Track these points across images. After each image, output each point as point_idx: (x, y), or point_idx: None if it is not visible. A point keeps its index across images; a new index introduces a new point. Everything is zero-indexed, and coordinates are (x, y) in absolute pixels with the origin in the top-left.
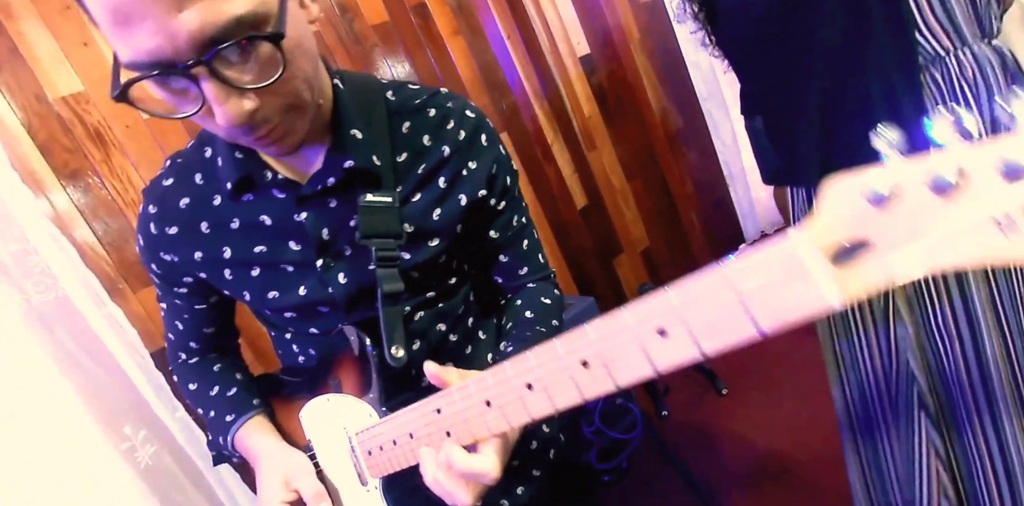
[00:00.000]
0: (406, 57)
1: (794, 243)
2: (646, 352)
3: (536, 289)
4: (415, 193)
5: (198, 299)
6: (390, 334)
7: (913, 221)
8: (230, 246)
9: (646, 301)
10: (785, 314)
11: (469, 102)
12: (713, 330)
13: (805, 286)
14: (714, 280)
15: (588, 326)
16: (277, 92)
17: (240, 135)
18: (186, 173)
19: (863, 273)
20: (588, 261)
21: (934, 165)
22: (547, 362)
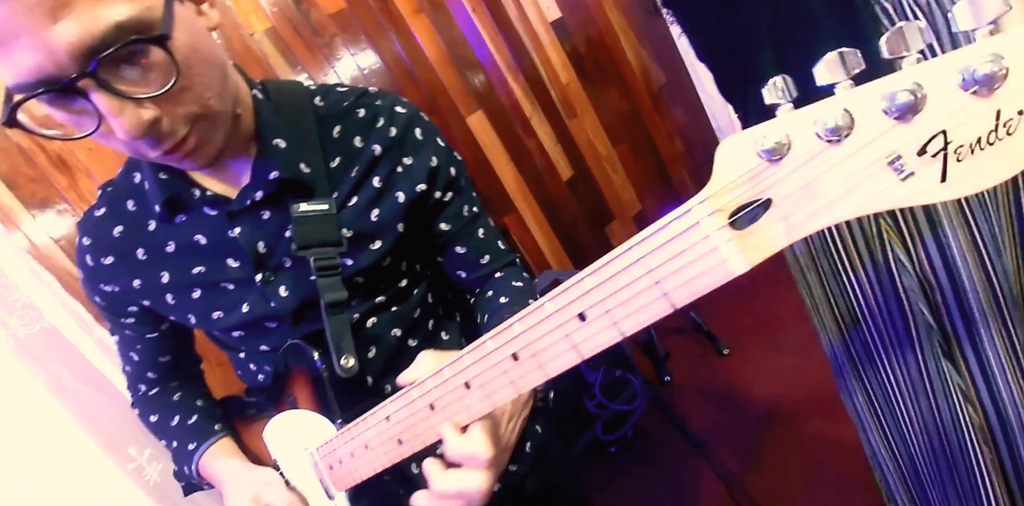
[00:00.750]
0: (368, 44)
1: (694, 212)
2: (570, 339)
3: (505, 277)
4: (351, 197)
5: (148, 327)
6: (338, 344)
7: (806, 172)
8: (167, 270)
9: (565, 288)
10: (695, 286)
11: (400, 98)
12: (630, 310)
13: (710, 256)
14: (626, 259)
15: (514, 318)
16: (178, 101)
17: (146, 148)
18: (117, 201)
19: (765, 233)
20: (580, 232)
21: (821, 111)
22: (480, 360)
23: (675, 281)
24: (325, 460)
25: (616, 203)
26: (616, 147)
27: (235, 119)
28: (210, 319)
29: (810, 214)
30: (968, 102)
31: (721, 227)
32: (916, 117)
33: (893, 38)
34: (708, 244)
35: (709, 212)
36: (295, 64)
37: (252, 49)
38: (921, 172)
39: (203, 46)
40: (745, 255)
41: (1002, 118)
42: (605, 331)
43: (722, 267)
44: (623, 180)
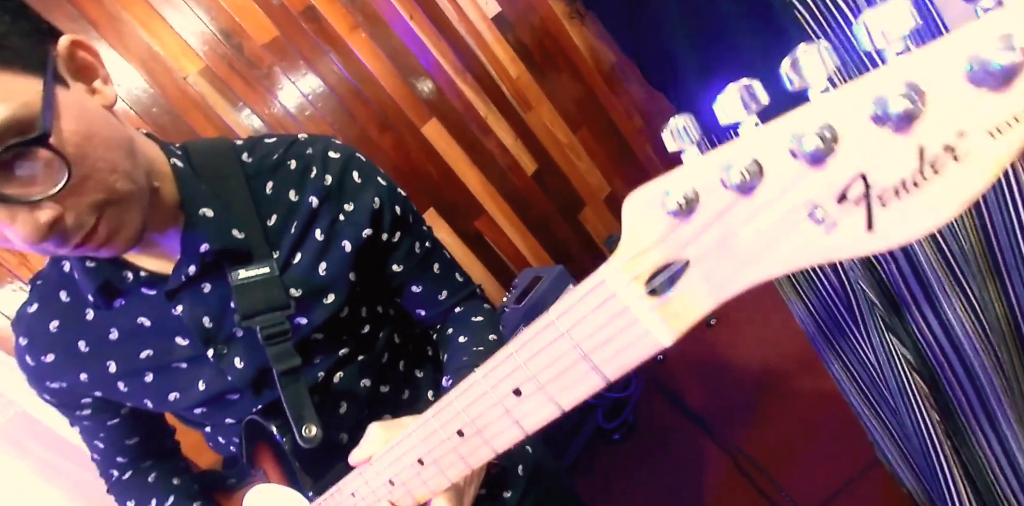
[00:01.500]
0: (308, 68)
1: (609, 282)
2: (510, 415)
3: (464, 311)
4: (294, 254)
5: (107, 415)
6: (297, 414)
7: (720, 227)
8: (114, 359)
9: (496, 360)
10: (624, 360)
11: (333, 142)
12: (563, 384)
13: (633, 328)
14: (551, 332)
15: (453, 393)
16: (80, 192)
17: (52, 248)
18: (49, 294)
19: (687, 298)
20: (554, 225)
21: (725, 158)
22: (428, 436)
23: (603, 355)
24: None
25: (585, 189)
26: (576, 133)
27: (154, 193)
28: (167, 401)
29: (732, 273)
30: (885, 139)
31: (639, 296)
32: (830, 160)
33: (794, 66)
34: (628, 316)
35: (626, 281)
36: (235, 101)
37: (189, 93)
38: (844, 222)
39: (99, 129)
40: (667, 325)
41: (926, 156)
42: (543, 406)
43: (647, 339)
44: (588, 165)
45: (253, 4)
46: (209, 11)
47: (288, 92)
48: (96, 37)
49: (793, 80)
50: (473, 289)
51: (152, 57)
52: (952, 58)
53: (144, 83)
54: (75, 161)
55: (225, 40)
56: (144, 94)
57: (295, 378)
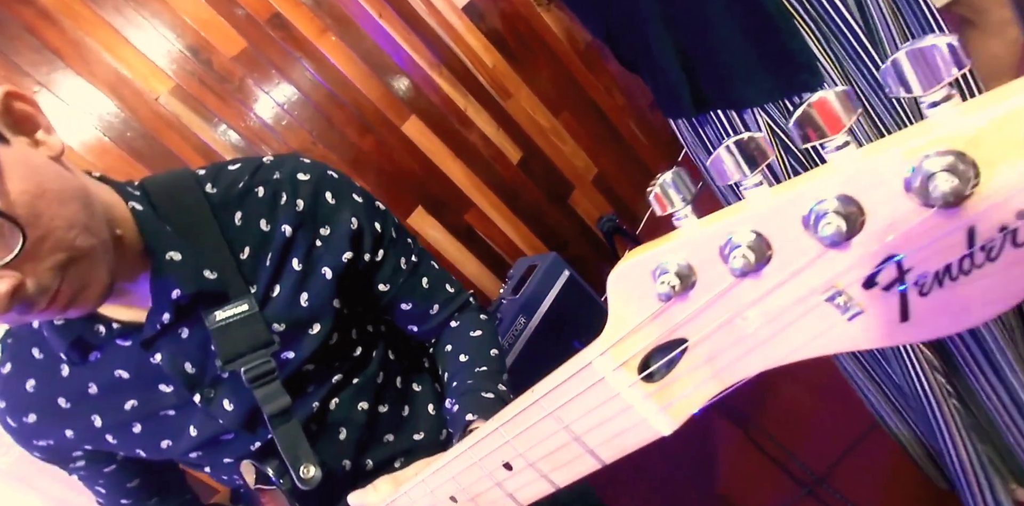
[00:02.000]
0: (281, 77)
1: (595, 365)
2: (502, 487)
3: (461, 326)
4: (273, 287)
5: (102, 464)
6: (293, 455)
7: (722, 308)
8: (97, 413)
9: (484, 431)
10: (621, 445)
11: (301, 161)
12: (556, 464)
13: (626, 415)
14: (537, 411)
15: (444, 460)
16: (37, 255)
17: (18, 317)
18: (21, 352)
19: (688, 381)
20: (545, 211)
21: (724, 232)
22: (420, 500)
23: (596, 438)
24: None
25: (572, 172)
26: (558, 117)
27: (117, 242)
28: (160, 449)
29: (740, 356)
30: (924, 217)
31: (631, 383)
32: (856, 240)
33: (806, 118)
34: (621, 403)
35: (613, 367)
36: (211, 118)
37: (162, 114)
38: (873, 310)
39: (49, 184)
40: (667, 414)
41: (977, 239)
42: (536, 482)
43: (643, 428)
44: (573, 148)
45: (218, 17)
46: (174, 28)
47: (263, 103)
48: (62, 67)
49: (805, 134)
50: (466, 299)
51: (121, 81)
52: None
53: (115, 108)
54: (28, 223)
55: (193, 56)
56: (116, 119)
57: (286, 418)
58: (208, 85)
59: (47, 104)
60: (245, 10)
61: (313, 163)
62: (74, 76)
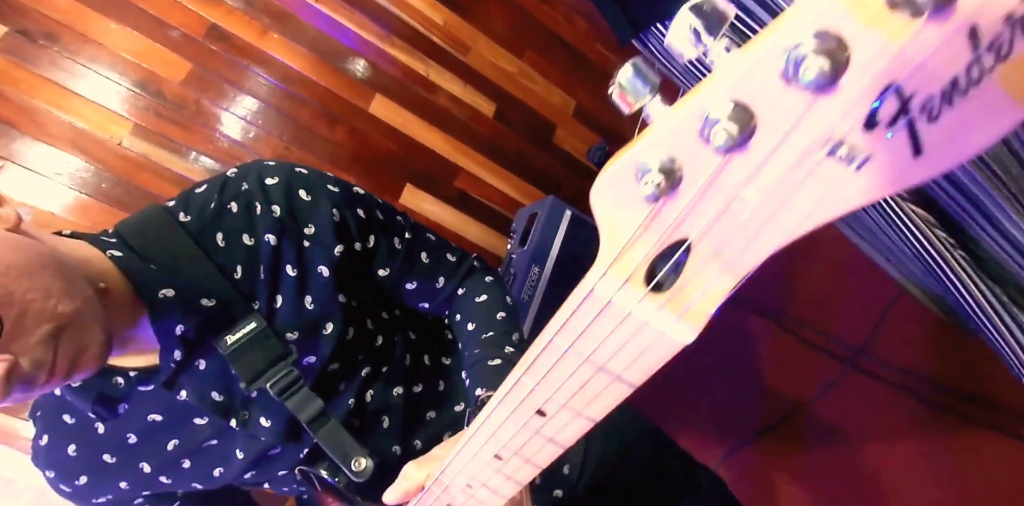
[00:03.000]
0: (235, 89)
1: (598, 291)
2: (541, 434)
3: (466, 293)
4: (275, 298)
5: (166, 504)
6: (341, 453)
7: (717, 195)
8: (144, 460)
9: (507, 385)
10: (646, 364)
11: (265, 165)
12: (587, 398)
13: (646, 334)
14: (554, 352)
15: (478, 420)
16: (21, 333)
17: (23, 395)
18: (54, 421)
19: (700, 282)
20: (532, 158)
21: (699, 107)
22: (468, 464)
23: (621, 364)
24: None
25: (551, 111)
26: (523, 58)
27: (104, 295)
28: (214, 478)
29: (747, 242)
30: (918, 29)
31: (641, 298)
32: (844, 79)
33: None
34: (635, 321)
35: (617, 287)
36: (178, 149)
37: (129, 157)
38: (881, 152)
39: (12, 259)
40: (685, 321)
41: (982, 37)
42: (573, 421)
43: (664, 340)
44: (545, 86)
45: (155, 45)
46: (115, 68)
47: (226, 121)
48: (19, 136)
49: None
50: (470, 264)
51: (79, 135)
52: None
53: (83, 163)
54: (1, 304)
55: (143, 91)
56: (87, 174)
57: (324, 420)
58: (166, 117)
59: (16, 177)
60: (179, 30)
61: (278, 164)
62: (33, 142)
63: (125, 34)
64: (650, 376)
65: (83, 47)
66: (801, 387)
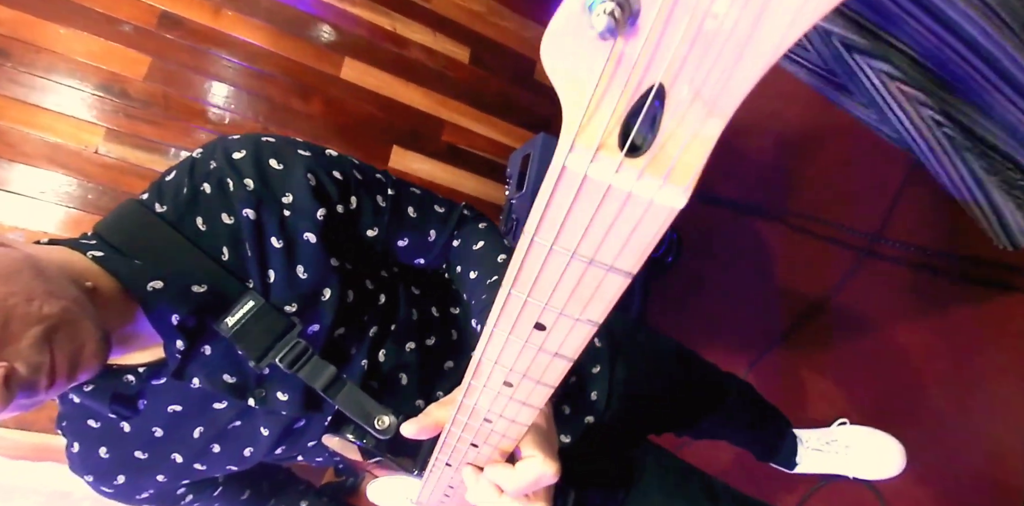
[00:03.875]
0: (201, 76)
1: (570, 167)
2: (545, 350)
3: (462, 243)
4: (266, 273)
5: (209, 490)
6: (363, 414)
7: (684, 18)
8: (175, 451)
9: (499, 304)
10: (638, 245)
11: (229, 140)
12: (583, 300)
13: (632, 208)
14: (538, 251)
15: (478, 350)
16: (11, 338)
17: (27, 400)
18: (80, 429)
19: (683, 132)
20: (515, 98)
21: None
22: (480, 400)
23: (611, 250)
24: (431, 502)
25: (526, 47)
26: None
27: (93, 294)
28: (247, 459)
29: (730, 70)
30: None
31: (618, 166)
32: None
33: None
34: (616, 195)
35: (589, 158)
36: (156, 147)
37: (109, 164)
38: None
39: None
40: (672, 182)
41: None
42: (576, 330)
43: (655, 210)
44: (518, 21)
45: (109, 43)
46: (74, 74)
47: (198, 110)
48: None
49: None
50: (460, 213)
51: (54, 149)
52: None
53: (64, 177)
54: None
55: (107, 94)
56: (71, 187)
57: (341, 384)
58: (136, 116)
59: (4, 202)
60: (131, 24)
61: (243, 137)
62: (9, 164)
63: (76, 37)
64: (644, 260)
65: (37, 58)
66: (820, 283)
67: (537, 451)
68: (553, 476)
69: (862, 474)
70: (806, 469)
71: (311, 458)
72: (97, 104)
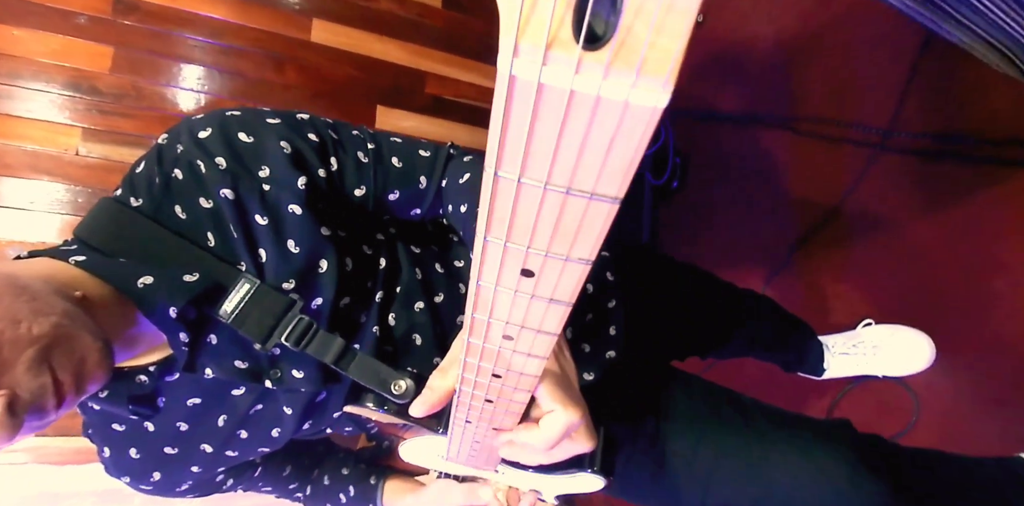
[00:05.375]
0: (171, 60)
1: (521, 75)
2: (538, 297)
3: (449, 181)
4: (257, 253)
5: (249, 472)
6: (379, 381)
7: None
8: (203, 442)
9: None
10: (620, 161)
11: (193, 120)
12: (568, 236)
13: (604, 115)
14: (507, 187)
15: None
16: (6, 364)
17: (38, 421)
18: (107, 434)
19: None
20: (495, 38)
21: None
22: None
23: (588, 176)
24: (461, 458)
25: None
26: None
27: (85, 303)
28: (275, 439)
29: None
30: None
31: (577, 64)
32: None
33: None
34: (583, 101)
35: (539, 59)
36: (137, 140)
37: (92, 164)
38: None
39: None
40: (648, 75)
41: None
42: (567, 270)
43: (633, 113)
44: None
45: (67, 38)
46: (39, 77)
47: (171, 96)
48: None
49: None
50: (446, 154)
51: (34, 157)
52: None
53: (51, 185)
54: None
55: (76, 92)
56: (60, 193)
57: (351, 356)
58: (110, 111)
59: None
60: (85, 15)
61: (206, 115)
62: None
63: (33, 37)
64: (631, 179)
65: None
66: (833, 187)
67: (555, 403)
68: (580, 420)
69: (892, 372)
70: (834, 374)
71: (340, 428)
72: (68, 104)
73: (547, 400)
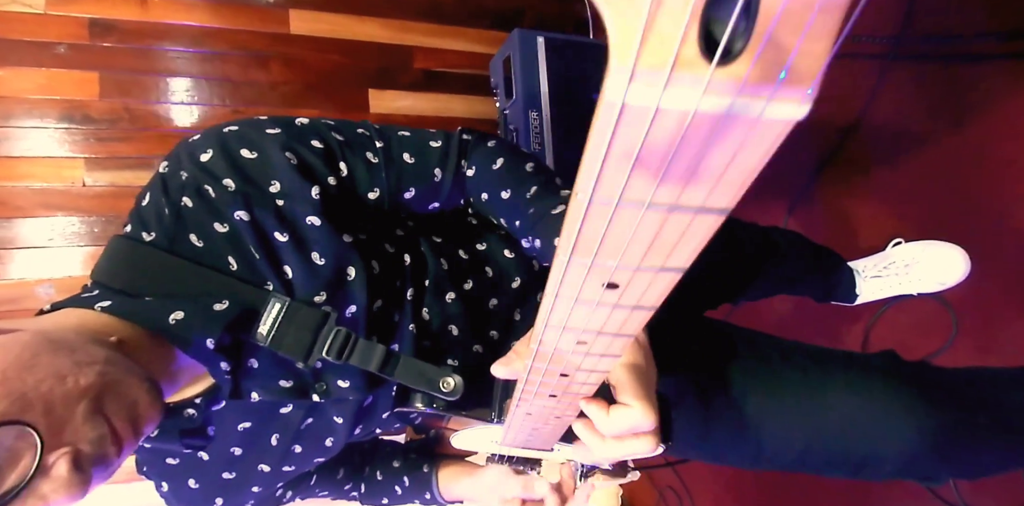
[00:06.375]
0: (153, 76)
1: (642, 103)
2: (622, 306)
3: (478, 169)
4: (282, 270)
5: (306, 481)
6: (426, 381)
7: None
8: (260, 462)
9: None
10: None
11: (192, 143)
12: (664, 249)
13: (730, 132)
14: (603, 211)
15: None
16: (62, 421)
17: (107, 472)
18: (162, 468)
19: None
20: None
21: None
22: (553, 356)
23: (698, 192)
24: (517, 442)
25: None
26: None
27: (122, 346)
28: (329, 449)
29: None
30: None
31: (707, 81)
32: None
33: None
34: (706, 121)
35: (661, 83)
36: (141, 163)
37: (101, 193)
38: None
39: (2, 363)
40: (790, 87)
41: None
42: (655, 281)
43: (764, 127)
44: None
45: (51, 70)
46: (32, 114)
47: (164, 113)
48: None
49: None
50: (459, 142)
51: (43, 194)
52: None
53: (64, 219)
54: (20, 411)
55: (71, 123)
56: (75, 227)
57: (395, 360)
58: (107, 138)
59: (16, 261)
60: (63, 43)
61: (203, 135)
62: (9, 222)
63: (17, 75)
64: (744, 190)
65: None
66: (848, 106)
67: (635, 400)
68: (649, 426)
69: (927, 288)
70: (868, 298)
71: (389, 426)
72: (66, 137)
73: (628, 394)
